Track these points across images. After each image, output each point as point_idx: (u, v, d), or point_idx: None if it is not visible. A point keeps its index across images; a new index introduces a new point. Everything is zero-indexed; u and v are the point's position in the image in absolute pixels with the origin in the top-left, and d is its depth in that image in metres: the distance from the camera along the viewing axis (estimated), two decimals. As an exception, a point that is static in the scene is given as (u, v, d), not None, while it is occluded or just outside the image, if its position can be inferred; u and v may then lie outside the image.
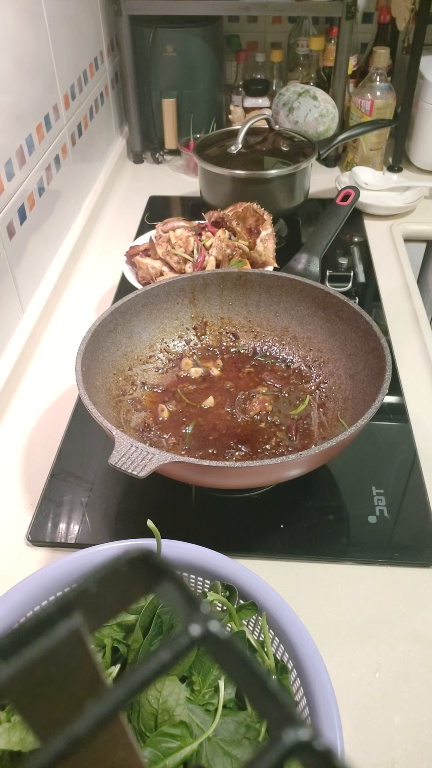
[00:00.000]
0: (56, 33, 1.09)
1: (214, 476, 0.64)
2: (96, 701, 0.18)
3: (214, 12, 1.39)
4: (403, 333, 1.03)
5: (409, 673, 0.60)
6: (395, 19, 1.52)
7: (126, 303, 0.82)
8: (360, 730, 0.57)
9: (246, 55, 1.63)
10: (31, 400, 0.93)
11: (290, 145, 1.25)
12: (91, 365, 0.75)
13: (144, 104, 1.52)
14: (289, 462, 0.60)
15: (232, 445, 0.76)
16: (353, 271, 1.17)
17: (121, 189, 1.49)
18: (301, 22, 1.58)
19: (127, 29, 1.39)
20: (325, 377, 0.83)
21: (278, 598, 0.51)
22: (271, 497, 0.76)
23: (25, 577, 0.52)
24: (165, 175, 1.55)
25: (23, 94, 0.97)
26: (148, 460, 0.58)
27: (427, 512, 0.74)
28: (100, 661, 0.48)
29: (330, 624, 0.64)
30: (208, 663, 0.48)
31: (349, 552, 0.70)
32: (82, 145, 1.28)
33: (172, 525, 0.58)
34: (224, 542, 0.64)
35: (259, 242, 1.07)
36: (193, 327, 0.91)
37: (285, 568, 0.69)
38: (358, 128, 1.28)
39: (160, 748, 0.43)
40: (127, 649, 0.49)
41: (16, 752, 0.42)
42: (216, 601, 0.51)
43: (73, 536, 0.72)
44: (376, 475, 0.79)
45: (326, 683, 0.45)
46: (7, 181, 0.91)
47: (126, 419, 0.78)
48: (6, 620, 0.49)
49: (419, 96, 1.41)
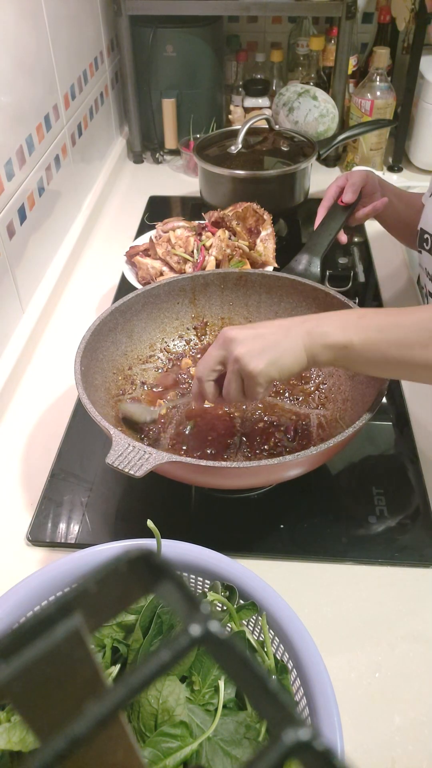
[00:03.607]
0: (56, 33, 1.09)
1: (211, 476, 0.64)
2: (96, 701, 0.18)
3: (214, 12, 1.39)
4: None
5: (409, 673, 0.60)
6: (395, 19, 1.52)
7: (126, 302, 0.82)
8: (360, 730, 0.57)
9: (246, 55, 1.63)
10: (31, 400, 0.93)
11: (290, 145, 1.25)
12: (91, 364, 0.75)
13: (144, 104, 1.52)
14: (288, 462, 0.60)
15: (231, 445, 0.76)
16: (353, 271, 1.17)
17: (121, 189, 1.49)
18: (301, 22, 1.58)
19: (127, 29, 1.39)
20: (325, 378, 0.83)
21: (278, 598, 0.51)
22: (271, 497, 0.76)
23: (25, 577, 0.52)
24: (165, 175, 1.55)
25: (23, 94, 0.97)
26: (145, 459, 0.58)
27: (427, 512, 0.74)
28: (100, 661, 0.48)
29: (330, 624, 0.64)
30: (208, 663, 0.48)
31: (349, 552, 0.70)
32: (82, 145, 1.28)
33: (172, 525, 0.58)
34: (224, 542, 0.64)
35: (259, 242, 1.07)
36: (194, 327, 0.91)
37: (285, 568, 0.69)
38: (358, 128, 1.28)
39: (160, 748, 0.43)
40: (127, 649, 0.49)
41: (16, 752, 0.42)
42: (216, 601, 0.51)
43: (73, 536, 0.72)
44: (376, 475, 0.79)
45: (326, 683, 0.45)
46: (7, 181, 0.91)
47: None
48: (6, 620, 0.49)
49: (419, 96, 1.41)
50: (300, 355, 0.60)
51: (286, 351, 0.60)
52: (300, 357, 0.60)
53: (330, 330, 0.60)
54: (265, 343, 0.61)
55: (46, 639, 0.20)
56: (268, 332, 0.61)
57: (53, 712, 0.22)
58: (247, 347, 0.60)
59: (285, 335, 0.61)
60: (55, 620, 0.20)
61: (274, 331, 0.62)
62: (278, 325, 0.62)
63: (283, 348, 0.60)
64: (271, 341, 0.61)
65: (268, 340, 0.61)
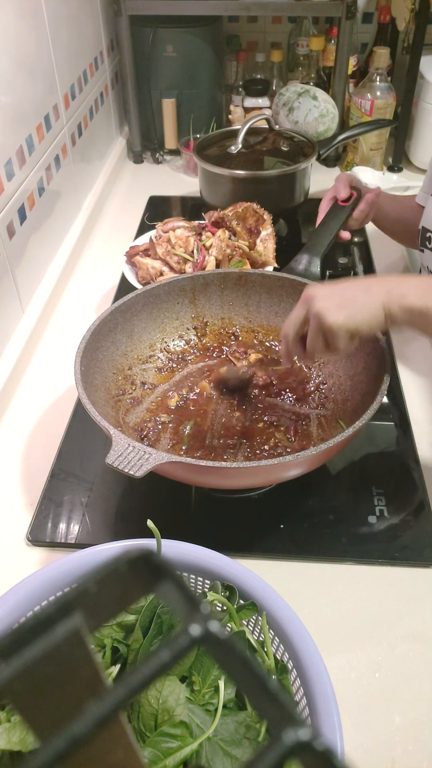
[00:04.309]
0: (56, 33, 1.09)
1: (211, 476, 0.64)
2: (96, 701, 0.18)
3: (214, 12, 1.39)
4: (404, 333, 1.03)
5: (409, 673, 0.60)
6: (395, 19, 1.52)
7: (126, 302, 0.82)
8: (360, 730, 0.57)
9: (246, 55, 1.63)
10: (31, 400, 0.93)
11: (290, 145, 1.25)
12: (91, 364, 0.75)
13: (144, 104, 1.52)
14: (287, 463, 0.60)
15: (231, 446, 0.76)
16: (353, 271, 1.17)
17: (121, 189, 1.49)
18: (301, 22, 1.58)
19: (127, 29, 1.39)
20: (325, 378, 0.83)
21: (278, 598, 0.51)
22: (271, 497, 0.76)
23: (25, 577, 0.52)
24: (165, 175, 1.55)
25: (23, 94, 0.97)
26: (144, 459, 0.58)
27: (427, 512, 0.74)
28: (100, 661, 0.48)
29: (330, 624, 0.64)
30: (208, 663, 0.48)
31: (349, 552, 0.70)
32: (82, 145, 1.28)
33: (172, 525, 0.58)
34: (224, 542, 0.64)
35: (259, 242, 1.07)
36: (194, 327, 0.91)
37: (285, 568, 0.69)
38: (358, 128, 1.28)
39: (160, 748, 0.43)
40: (127, 649, 0.49)
41: (16, 752, 0.42)
42: (216, 601, 0.51)
43: (73, 536, 0.72)
44: (376, 475, 0.79)
45: (326, 683, 0.45)
46: (7, 181, 0.91)
47: (125, 419, 0.78)
48: (6, 620, 0.49)
49: (419, 96, 1.41)
50: (377, 312, 0.62)
51: (364, 306, 0.62)
52: (377, 314, 0.62)
53: (409, 292, 0.62)
54: (344, 298, 0.63)
55: (46, 639, 0.20)
56: (347, 288, 0.64)
57: (53, 712, 0.22)
58: (327, 303, 0.63)
59: (365, 292, 0.63)
60: (55, 620, 0.20)
61: (354, 287, 0.64)
62: (359, 282, 0.65)
63: (362, 303, 0.62)
64: (349, 296, 0.63)
65: (346, 295, 0.63)
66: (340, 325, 0.62)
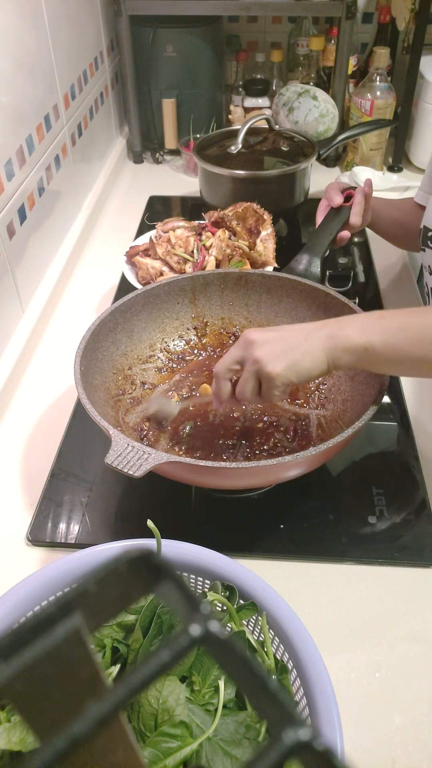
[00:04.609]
0: (56, 33, 1.09)
1: (211, 476, 0.64)
2: (96, 701, 0.18)
3: (214, 12, 1.39)
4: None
5: (409, 673, 0.60)
6: (395, 19, 1.52)
7: (126, 302, 0.82)
8: (360, 730, 0.57)
9: (246, 55, 1.63)
10: (31, 400, 0.93)
11: (290, 145, 1.25)
12: (91, 364, 0.75)
13: (144, 104, 1.52)
14: (287, 463, 0.60)
15: (231, 446, 0.76)
16: (353, 271, 1.17)
17: (121, 189, 1.49)
18: (301, 22, 1.58)
19: (127, 29, 1.39)
20: (325, 378, 0.83)
21: (278, 598, 0.51)
22: (271, 497, 0.76)
23: (25, 577, 0.52)
24: (165, 175, 1.55)
25: (23, 94, 0.97)
26: (144, 459, 0.58)
27: (427, 512, 0.74)
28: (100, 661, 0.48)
29: (330, 624, 0.64)
30: (208, 663, 0.48)
31: (349, 552, 0.70)
32: (82, 145, 1.28)
33: (172, 525, 0.58)
34: (224, 542, 0.64)
35: (259, 242, 1.07)
36: (194, 327, 0.91)
37: (285, 568, 0.69)
38: (358, 128, 1.28)
39: (160, 748, 0.43)
40: (127, 649, 0.49)
41: (16, 752, 0.42)
42: (216, 601, 0.51)
43: (73, 536, 0.72)
44: (376, 475, 0.79)
45: (326, 683, 0.45)
46: (7, 181, 0.91)
47: (125, 419, 0.78)
48: (6, 620, 0.49)
49: (419, 96, 1.41)
50: (320, 358, 0.61)
51: (305, 354, 0.60)
52: (320, 361, 0.61)
53: (350, 333, 0.60)
54: (285, 346, 0.61)
55: (46, 639, 0.20)
56: (288, 335, 0.62)
57: (53, 712, 0.22)
58: (267, 350, 0.61)
59: (305, 338, 0.61)
60: (55, 620, 0.20)
61: (295, 334, 0.62)
62: (299, 328, 0.63)
63: (303, 351, 0.61)
64: (291, 344, 0.61)
65: (288, 343, 0.61)
66: (279, 374, 0.60)
